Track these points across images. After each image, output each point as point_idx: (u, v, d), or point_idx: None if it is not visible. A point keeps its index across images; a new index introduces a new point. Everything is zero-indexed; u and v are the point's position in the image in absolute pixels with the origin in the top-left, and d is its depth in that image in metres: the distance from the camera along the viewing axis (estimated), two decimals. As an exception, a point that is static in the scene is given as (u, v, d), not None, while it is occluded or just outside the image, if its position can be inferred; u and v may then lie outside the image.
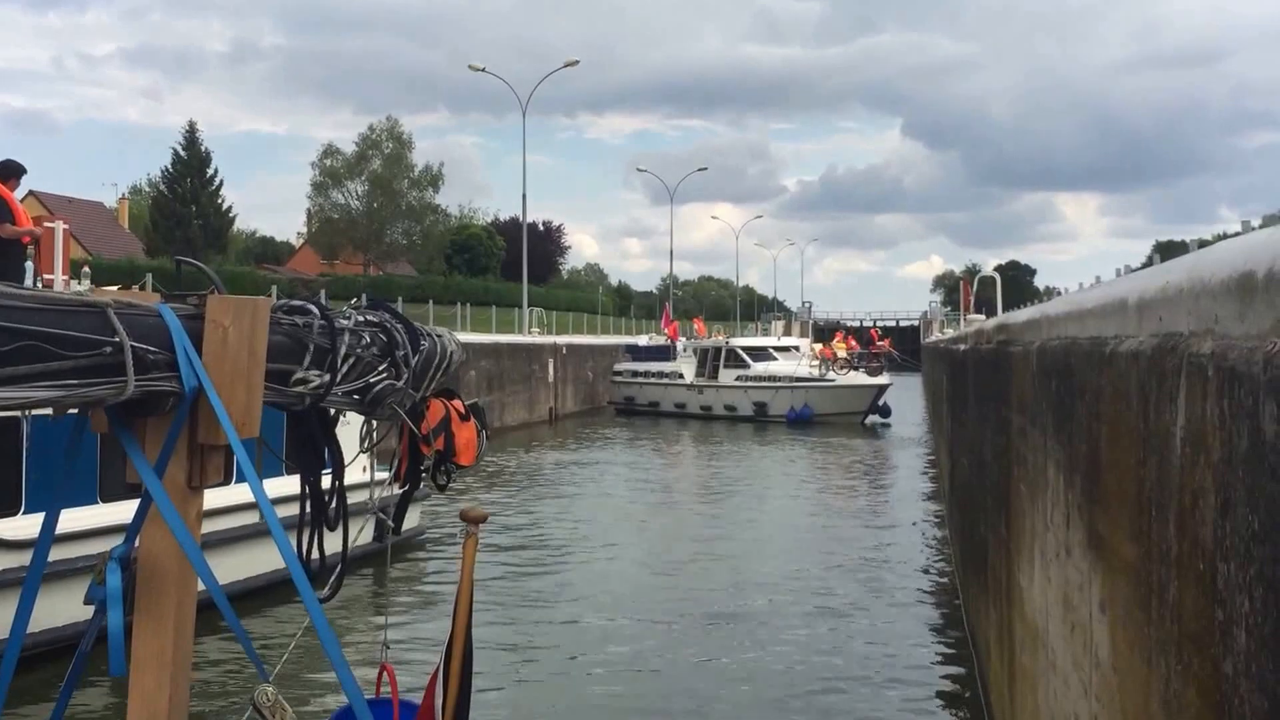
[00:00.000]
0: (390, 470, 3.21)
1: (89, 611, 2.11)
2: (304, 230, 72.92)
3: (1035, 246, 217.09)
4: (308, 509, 2.76)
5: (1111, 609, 2.60)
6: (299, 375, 2.43)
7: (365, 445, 3.01)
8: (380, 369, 2.74)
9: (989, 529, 6.82)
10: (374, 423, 2.99)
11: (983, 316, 19.91)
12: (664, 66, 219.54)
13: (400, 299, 35.57)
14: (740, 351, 38.36)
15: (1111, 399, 2.62)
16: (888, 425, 34.08)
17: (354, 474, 3.15)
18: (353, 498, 3.06)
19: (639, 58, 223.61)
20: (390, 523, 3.24)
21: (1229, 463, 1.64)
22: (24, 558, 7.67)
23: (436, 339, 3.06)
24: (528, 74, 75.93)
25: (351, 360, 2.60)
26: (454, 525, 3.29)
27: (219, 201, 58.82)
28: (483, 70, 43.08)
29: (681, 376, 39.55)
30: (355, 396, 2.67)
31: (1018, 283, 76.55)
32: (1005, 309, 21.91)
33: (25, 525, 7.97)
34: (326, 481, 2.83)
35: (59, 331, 1.82)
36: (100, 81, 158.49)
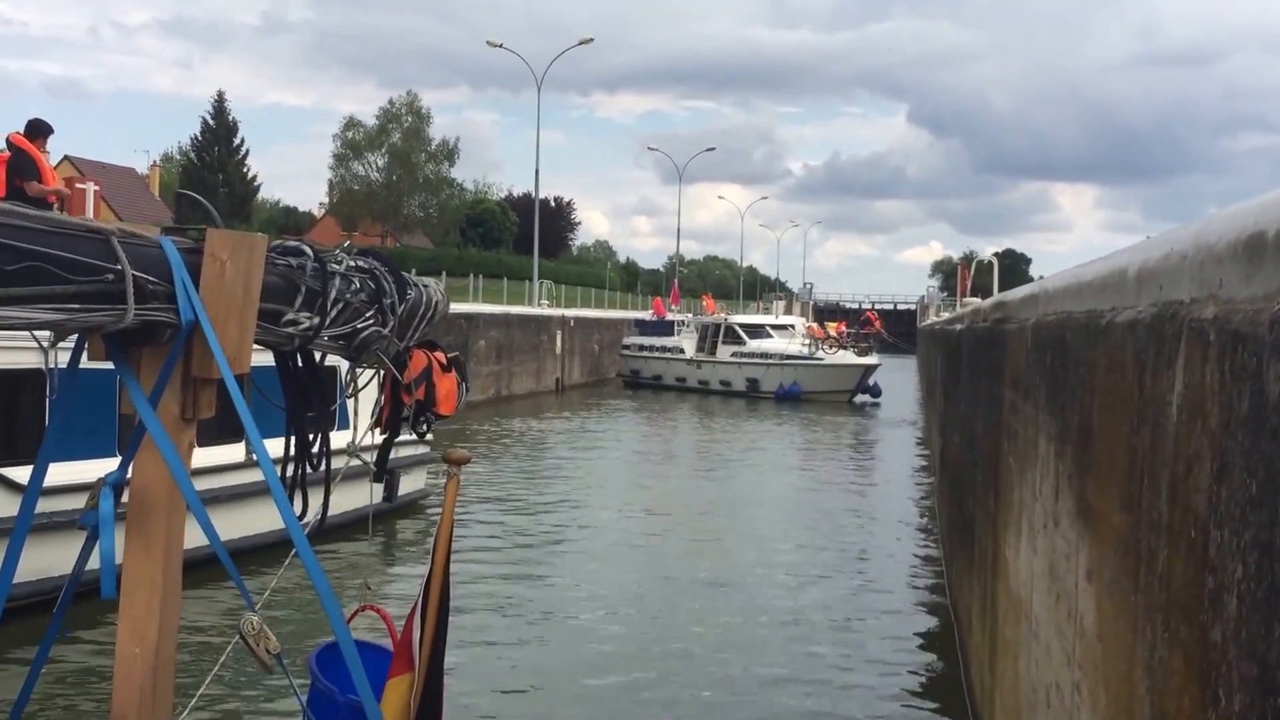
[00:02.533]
0: (372, 417, 3.21)
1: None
2: (325, 201, 73.07)
3: (1031, 236, 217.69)
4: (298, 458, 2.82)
5: (1098, 578, 2.58)
6: (290, 316, 2.47)
7: (349, 391, 3.03)
8: (367, 315, 2.77)
9: (977, 503, 6.82)
10: (357, 369, 3.00)
11: (978, 300, 19.90)
12: (676, 47, 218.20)
13: (415, 269, 35.82)
14: (738, 329, 38.80)
15: (1106, 370, 2.58)
16: (877, 405, 34.16)
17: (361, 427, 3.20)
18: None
19: (652, 37, 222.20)
20: (373, 468, 3.25)
21: (1227, 427, 1.61)
22: (46, 504, 7.88)
23: (423, 289, 3.10)
24: (544, 52, 75.47)
25: (340, 305, 2.63)
26: (461, 494, 3.32)
27: (244, 171, 59.32)
28: (500, 46, 43.14)
29: (683, 351, 39.84)
30: (342, 341, 2.71)
31: (1014, 270, 76.69)
32: (1000, 294, 21.90)
33: (49, 473, 8.25)
34: (341, 438, 2.93)
35: (64, 255, 1.83)
36: (134, 50, 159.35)
